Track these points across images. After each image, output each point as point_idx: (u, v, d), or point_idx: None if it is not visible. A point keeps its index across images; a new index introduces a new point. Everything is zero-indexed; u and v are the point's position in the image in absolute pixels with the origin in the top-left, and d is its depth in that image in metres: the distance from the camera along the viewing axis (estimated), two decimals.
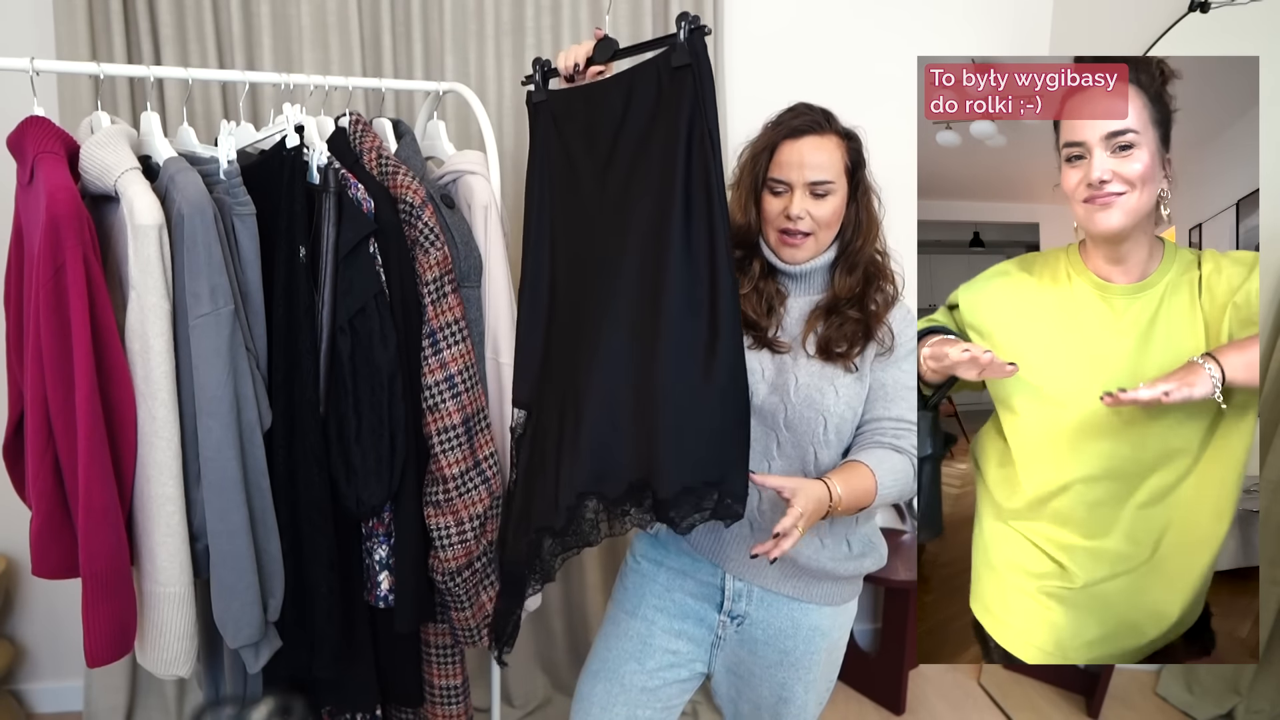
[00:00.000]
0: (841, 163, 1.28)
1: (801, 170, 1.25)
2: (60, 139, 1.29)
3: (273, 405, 1.37)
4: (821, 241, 1.29)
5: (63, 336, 1.21)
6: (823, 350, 1.28)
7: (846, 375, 1.28)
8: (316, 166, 1.41)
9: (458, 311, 1.48)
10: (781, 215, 1.27)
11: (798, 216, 1.25)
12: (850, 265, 1.31)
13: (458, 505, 1.48)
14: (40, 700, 2.38)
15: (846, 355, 1.27)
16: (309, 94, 1.59)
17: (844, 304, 1.29)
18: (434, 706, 1.68)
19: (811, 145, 1.26)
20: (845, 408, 1.27)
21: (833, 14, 2.38)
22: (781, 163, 1.27)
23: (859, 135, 1.33)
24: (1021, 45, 2.48)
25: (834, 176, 1.26)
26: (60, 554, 1.30)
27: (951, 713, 2.45)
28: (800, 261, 1.30)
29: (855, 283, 1.30)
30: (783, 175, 1.27)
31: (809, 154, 1.26)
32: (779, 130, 1.29)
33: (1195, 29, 2.01)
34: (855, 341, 1.27)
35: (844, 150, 1.29)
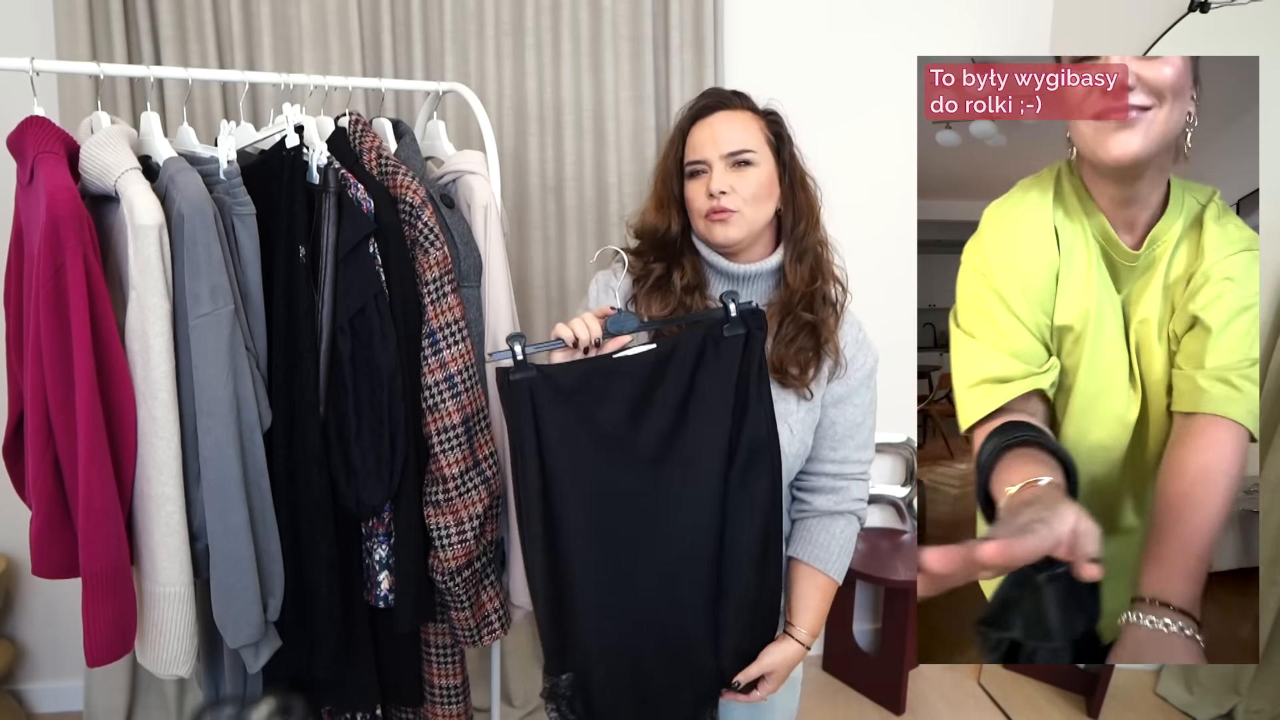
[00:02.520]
0: (760, 135, 1.19)
1: (716, 143, 1.16)
2: (60, 139, 1.29)
3: (273, 405, 1.37)
4: (750, 220, 1.17)
5: (63, 336, 1.21)
6: (776, 369, 1.18)
7: (800, 405, 1.20)
8: (316, 166, 1.41)
9: (457, 311, 1.48)
10: (704, 195, 1.17)
11: (720, 191, 1.15)
12: (798, 253, 1.21)
13: (457, 505, 1.48)
14: (40, 700, 2.38)
15: (800, 379, 1.19)
16: (309, 94, 1.59)
17: (797, 303, 1.20)
18: (434, 706, 1.68)
19: (722, 119, 1.18)
20: (800, 445, 1.21)
21: (833, 14, 2.38)
22: (694, 143, 1.18)
23: (778, 112, 1.24)
24: (1021, 45, 2.48)
25: (753, 146, 1.17)
26: (60, 554, 1.30)
27: (951, 713, 2.45)
28: (734, 240, 1.18)
29: (808, 274, 1.21)
30: (697, 155, 1.18)
31: (720, 127, 1.17)
32: (686, 115, 1.21)
33: (1195, 29, 2.01)
34: (808, 364, 1.19)
35: (760, 124, 1.20)
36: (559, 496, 1.10)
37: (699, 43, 2.25)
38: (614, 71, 2.23)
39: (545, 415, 1.09)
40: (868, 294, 2.58)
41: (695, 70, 2.26)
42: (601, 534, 1.11)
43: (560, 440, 1.10)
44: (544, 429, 1.09)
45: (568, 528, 1.11)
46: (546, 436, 1.10)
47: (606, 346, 1.13)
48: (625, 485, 1.11)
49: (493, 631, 1.59)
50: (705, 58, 2.25)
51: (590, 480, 1.11)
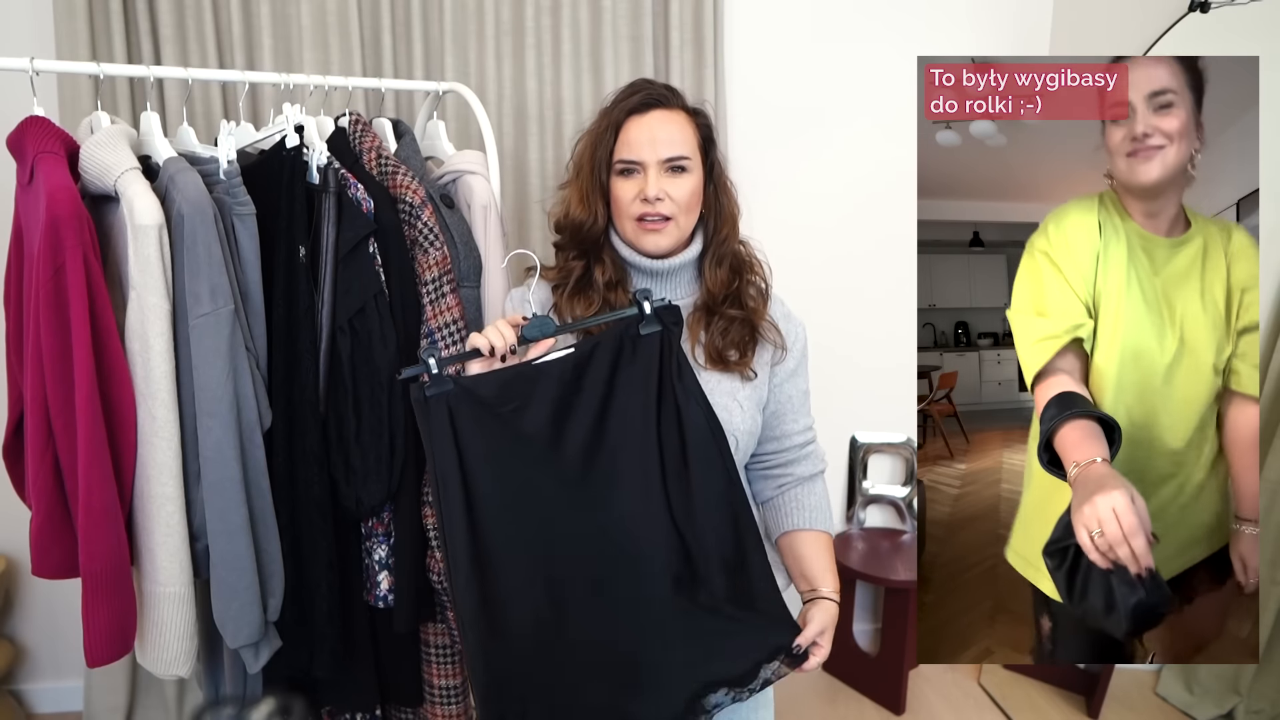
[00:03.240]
0: (695, 139, 1.17)
1: (654, 146, 1.13)
2: (60, 139, 1.29)
3: (273, 405, 1.37)
4: (683, 228, 1.17)
5: (63, 336, 1.21)
6: (715, 359, 1.19)
7: (745, 385, 1.21)
8: (316, 166, 1.41)
9: (457, 311, 1.48)
10: (637, 200, 1.14)
11: (656, 198, 1.13)
12: (718, 257, 1.21)
13: None
14: (40, 700, 2.38)
15: (742, 362, 1.19)
16: (309, 94, 1.59)
17: (720, 302, 1.20)
18: (433, 706, 1.68)
19: (660, 119, 1.14)
20: (750, 422, 1.21)
21: (833, 14, 2.38)
22: (630, 141, 1.14)
23: (706, 112, 1.22)
24: (1021, 45, 2.48)
25: (689, 152, 1.15)
26: (60, 554, 1.30)
27: (951, 713, 2.45)
28: (664, 250, 1.18)
29: (727, 276, 1.21)
30: (633, 155, 1.14)
31: (659, 128, 1.13)
32: (621, 108, 1.16)
33: (1195, 29, 2.01)
34: (745, 347, 1.20)
35: (694, 126, 1.18)
36: (489, 519, 1.06)
37: (699, 43, 2.25)
38: (614, 71, 2.23)
39: (466, 432, 1.05)
40: (868, 294, 2.60)
41: (695, 70, 2.26)
42: (537, 549, 1.07)
43: (485, 457, 1.06)
44: (465, 447, 1.05)
45: (499, 551, 1.06)
46: (469, 456, 1.05)
47: (530, 353, 1.10)
48: (555, 492, 1.08)
49: None
50: (705, 58, 2.25)
51: (520, 493, 1.07)
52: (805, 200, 2.46)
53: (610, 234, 1.21)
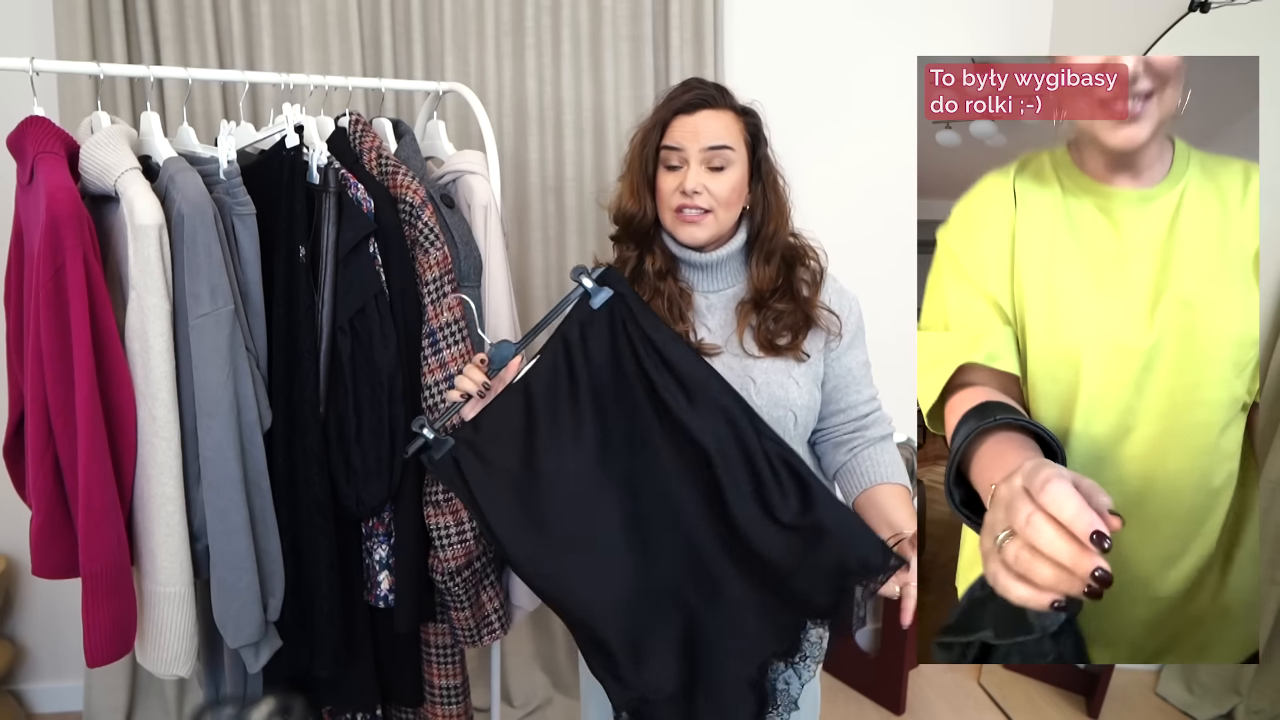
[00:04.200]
0: (740, 134, 1.22)
1: (696, 138, 1.18)
2: (60, 139, 1.29)
3: (273, 405, 1.37)
4: (722, 222, 1.22)
5: (63, 336, 1.20)
6: (766, 345, 1.23)
7: (800, 365, 1.24)
8: (316, 166, 1.41)
9: (457, 311, 1.48)
10: (677, 192, 1.19)
11: (694, 191, 1.18)
12: (766, 254, 1.25)
13: (457, 505, 1.48)
14: (40, 700, 2.38)
15: (794, 346, 1.23)
16: (309, 94, 1.59)
17: (769, 296, 1.24)
18: (434, 706, 1.68)
19: (706, 117, 1.20)
20: (808, 397, 1.25)
21: (832, 14, 2.38)
22: (676, 133, 1.20)
23: (757, 112, 1.26)
24: (1021, 45, 2.48)
25: (732, 144, 1.20)
26: (60, 554, 1.30)
27: (951, 713, 2.45)
28: (701, 241, 1.22)
29: (775, 272, 1.25)
30: (675, 143, 1.20)
31: (704, 124, 1.19)
32: (670, 105, 1.22)
33: (1195, 29, 2.01)
34: (798, 330, 1.23)
35: (742, 124, 1.22)
36: (538, 551, 1.10)
37: (699, 43, 2.25)
38: (614, 71, 2.23)
39: (478, 481, 1.10)
40: (866, 294, 2.57)
41: (695, 70, 2.26)
42: (588, 545, 1.11)
43: (505, 495, 1.10)
44: (482, 499, 1.09)
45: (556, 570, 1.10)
46: (488, 504, 1.09)
47: (506, 376, 1.14)
48: (587, 484, 1.12)
49: (493, 631, 1.59)
50: (705, 58, 2.25)
51: (551, 510, 1.11)
52: (805, 200, 2.44)
53: (659, 225, 1.26)
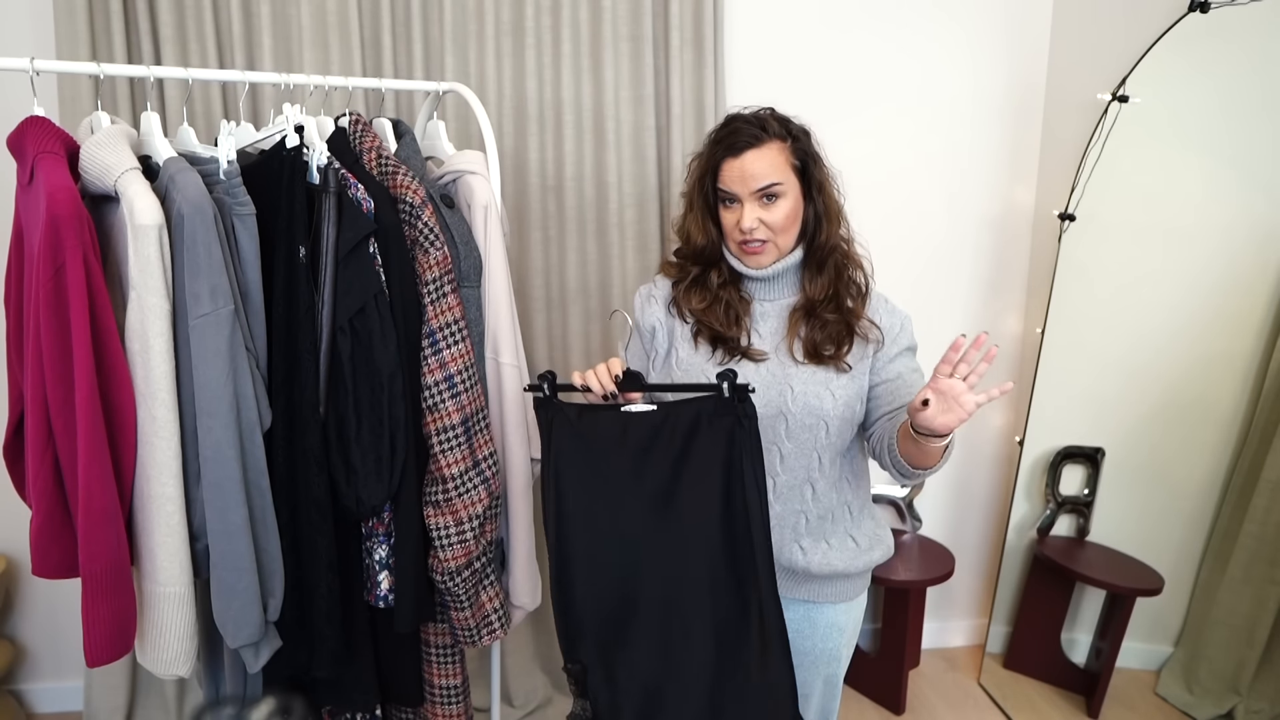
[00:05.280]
0: (787, 164, 1.29)
1: (745, 182, 1.27)
2: (60, 139, 1.29)
3: (273, 405, 1.37)
4: (783, 246, 1.31)
5: (63, 336, 1.21)
6: (812, 354, 1.30)
7: (840, 376, 1.30)
8: (316, 166, 1.41)
9: (457, 311, 1.48)
10: (736, 228, 1.30)
11: (750, 229, 1.28)
12: (819, 264, 1.33)
13: (457, 505, 1.48)
14: (40, 700, 2.38)
15: (837, 356, 1.30)
16: (309, 94, 1.59)
17: (819, 305, 1.31)
18: (434, 706, 1.68)
19: (752, 158, 1.27)
20: (844, 408, 1.29)
21: (832, 13, 2.38)
22: (726, 179, 1.29)
23: (806, 131, 1.33)
24: (1021, 46, 2.48)
25: (780, 178, 1.27)
26: (60, 554, 1.30)
27: (951, 713, 2.45)
28: (764, 267, 1.32)
29: (827, 282, 1.32)
30: (729, 188, 1.29)
31: (750, 166, 1.27)
32: (718, 149, 1.30)
33: (1195, 29, 2.01)
34: (842, 341, 1.30)
35: (788, 153, 1.29)
36: (568, 515, 1.24)
37: (699, 43, 2.25)
38: (614, 71, 2.23)
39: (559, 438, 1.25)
40: None
41: (695, 70, 2.26)
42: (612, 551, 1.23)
43: (569, 466, 1.24)
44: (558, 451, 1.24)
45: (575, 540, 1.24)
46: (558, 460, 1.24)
47: (627, 397, 1.24)
48: (629, 511, 1.22)
49: (493, 631, 1.59)
50: (705, 58, 2.25)
51: (592, 510, 1.23)
52: None
53: (724, 248, 1.36)
